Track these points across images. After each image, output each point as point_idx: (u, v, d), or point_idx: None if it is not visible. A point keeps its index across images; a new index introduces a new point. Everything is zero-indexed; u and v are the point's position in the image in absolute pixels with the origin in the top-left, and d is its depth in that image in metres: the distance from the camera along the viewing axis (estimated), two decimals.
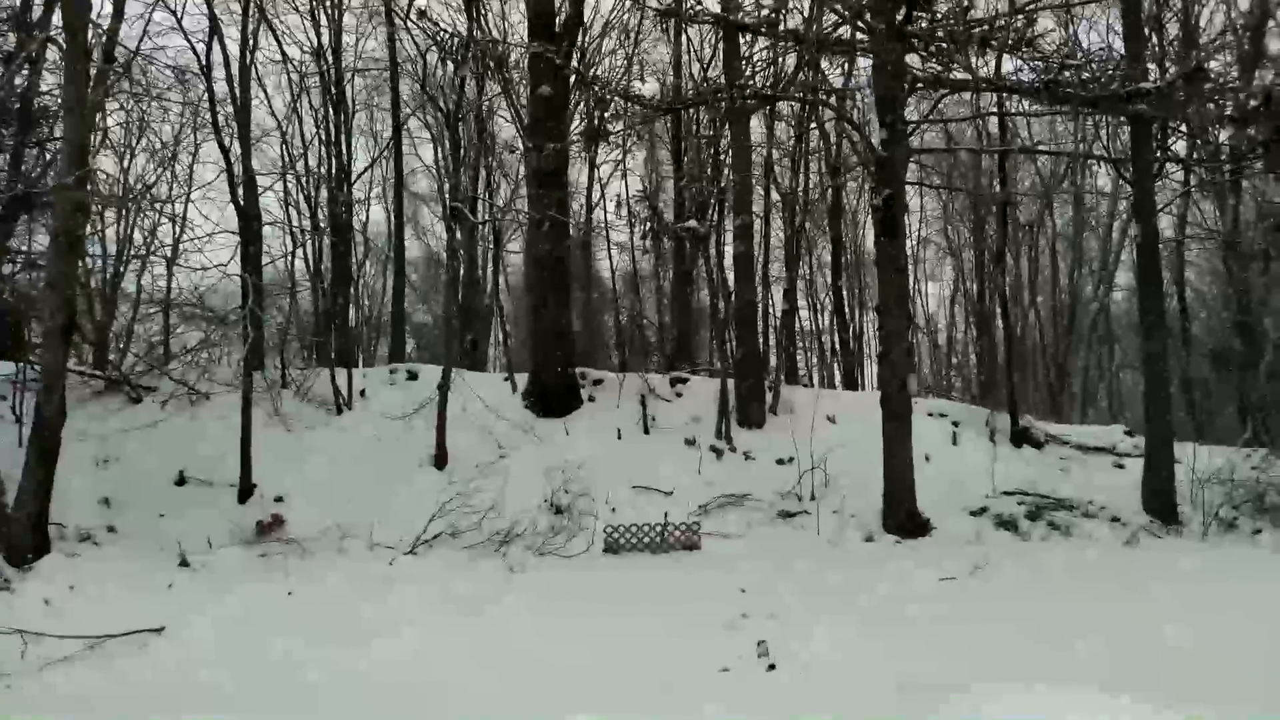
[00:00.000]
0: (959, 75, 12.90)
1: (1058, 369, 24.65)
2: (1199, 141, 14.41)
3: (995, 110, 16.84)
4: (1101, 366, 26.62)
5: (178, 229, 17.97)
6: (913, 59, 12.87)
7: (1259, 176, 16.87)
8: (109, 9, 12.73)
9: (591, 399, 15.76)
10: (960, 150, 21.65)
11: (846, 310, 25.24)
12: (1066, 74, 12.03)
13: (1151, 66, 12.94)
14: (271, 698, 6.61)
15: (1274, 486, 12.49)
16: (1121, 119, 14.44)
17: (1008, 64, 14.58)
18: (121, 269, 18.19)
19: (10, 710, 6.53)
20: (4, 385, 13.12)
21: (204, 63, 15.10)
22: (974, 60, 13.47)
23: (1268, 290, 19.05)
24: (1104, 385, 27.23)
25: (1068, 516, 12.58)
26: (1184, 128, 13.09)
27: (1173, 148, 14.93)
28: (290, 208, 20.70)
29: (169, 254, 17.37)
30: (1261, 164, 13.15)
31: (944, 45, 12.59)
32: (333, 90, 19.68)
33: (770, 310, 21.72)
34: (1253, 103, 11.94)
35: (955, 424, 15.86)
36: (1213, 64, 13.53)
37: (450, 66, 17.17)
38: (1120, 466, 14.62)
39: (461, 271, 19.92)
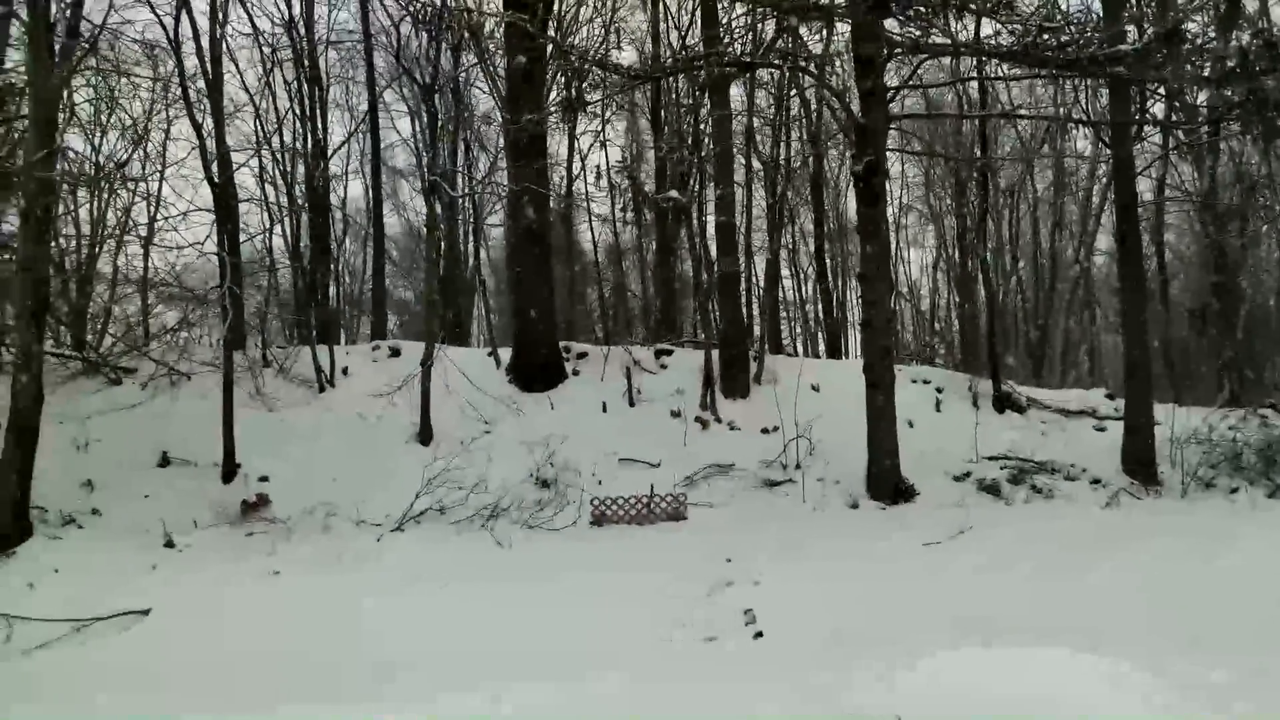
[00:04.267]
0: (938, 40, 12.81)
1: (1039, 333, 24.83)
2: (1177, 103, 14.41)
3: (975, 75, 16.77)
4: (1082, 330, 26.82)
5: (152, 207, 17.73)
6: (891, 24, 12.76)
7: (1235, 137, 16.92)
8: None
9: (576, 372, 15.74)
10: (940, 116, 21.60)
11: (830, 278, 25.26)
12: (1045, 37, 11.96)
13: (1130, 28, 12.88)
14: (255, 676, 6.63)
15: (1250, 446, 12.66)
16: (1100, 81, 14.40)
17: (987, 27, 14.51)
18: (96, 249, 17.92)
19: None
20: None
21: (172, 37, 14.81)
22: (953, 24, 13.40)
23: (1244, 250, 19.21)
24: (1085, 348, 27.46)
25: (1049, 480, 12.71)
26: (1162, 90, 13.07)
27: (1151, 110, 14.94)
28: (266, 184, 20.42)
29: (144, 233, 17.14)
30: (1238, 125, 13.16)
31: (922, 9, 12.49)
32: (305, 63, 19.35)
33: (754, 280, 21.72)
34: (1229, 64, 11.92)
35: (938, 390, 15.97)
36: (1190, 25, 13.47)
37: (425, 37, 16.91)
38: (1101, 429, 14.76)
39: (442, 246, 19.76)
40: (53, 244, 14.42)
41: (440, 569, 9.41)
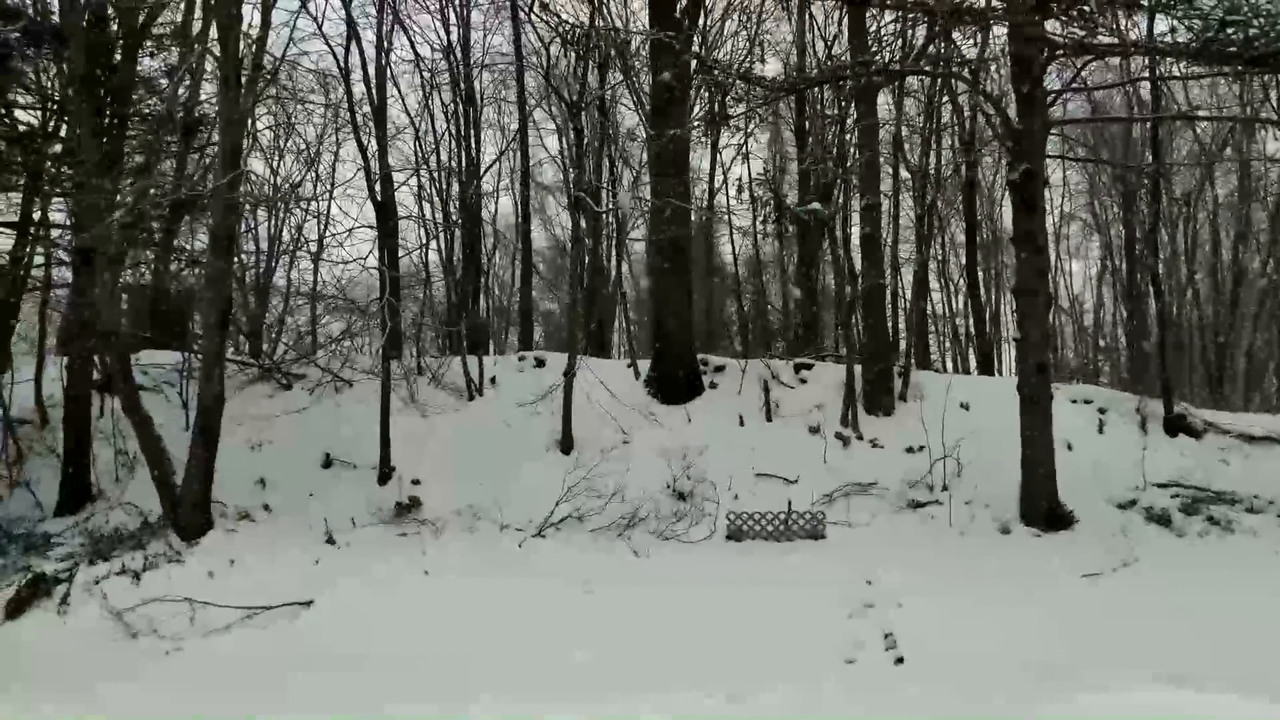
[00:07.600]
0: (1105, 39, 12.05)
1: (1219, 351, 22.85)
2: None
3: (1147, 75, 15.68)
4: (1270, 348, 24.49)
5: (322, 225, 19.09)
6: (1053, 24, 12.12)
7: None
8: (258, 19, 13.56)
9: (713, 385, 15.71)
10: (1107, 120, 20.31)
11: (982, 292, 24.19)
12: (1228, 31, 11.04)
13: None
14: (405, 666, 6.96)
15: None
16: None
17: (1160, 24, 13.52)
18: (273, 264, 19.44)
19: (180, 669, 7.15)
20: (171, 373, 14.25)
21: (343, 66, 15.83)
22: (1122, 22, 12.57)
23: None
24: (1273, 368, 25.06)
25: (1228, 511, 11.66)
26: None
27: None
28: (424, 202, 21.56)
29: (314, 249, 18.44)
30: None
31: (1087, 8, 11.78)
32: (462, 86, 20.28)
33: (900, 293, 21.08)
34: None
35: (1101, 410, 14.94)
36: None
37: (573, 57, 17.41)
38: None
39: (586, 260, 20.23)
40: (235, 260, 15.68)
41: (581, 576, 9.60)
